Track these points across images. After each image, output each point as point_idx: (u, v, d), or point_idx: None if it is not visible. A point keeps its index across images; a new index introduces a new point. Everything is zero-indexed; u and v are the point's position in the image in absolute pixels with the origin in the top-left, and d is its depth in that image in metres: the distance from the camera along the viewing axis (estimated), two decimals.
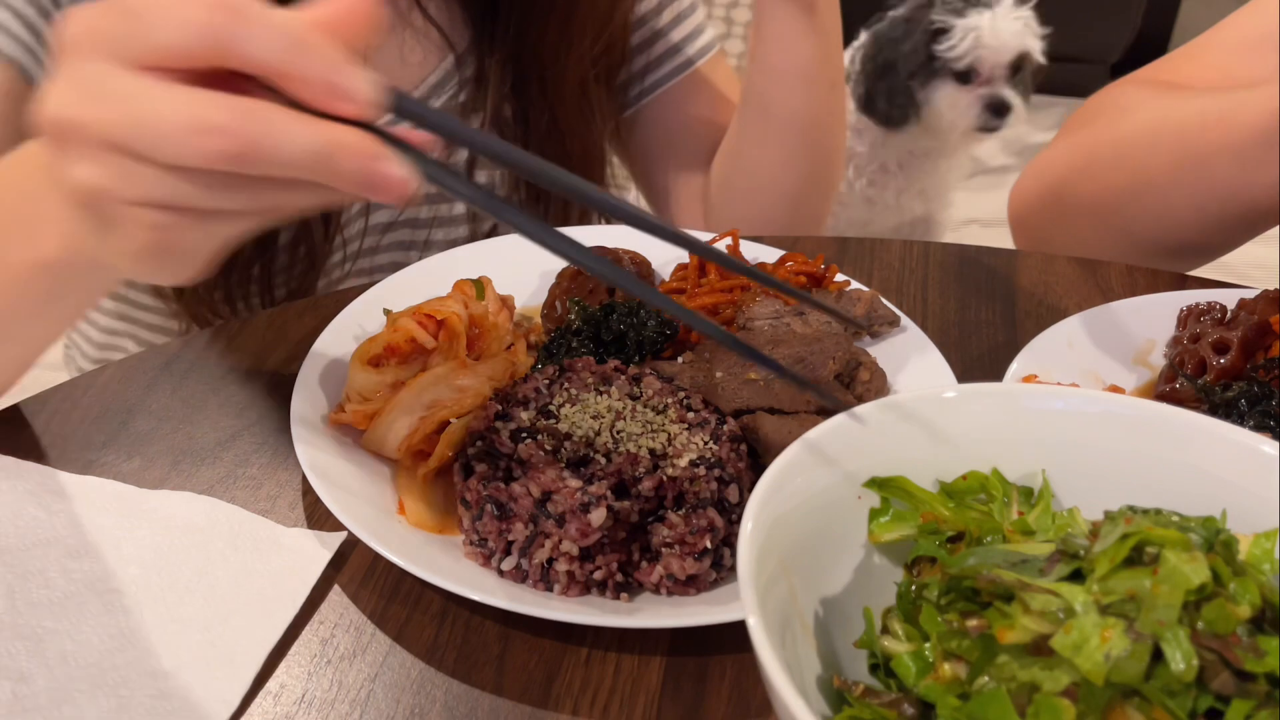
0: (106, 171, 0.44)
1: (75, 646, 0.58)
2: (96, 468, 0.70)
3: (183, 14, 0.42)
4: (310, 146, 0.43)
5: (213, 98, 0.43)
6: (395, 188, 0.44)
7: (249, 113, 0.42)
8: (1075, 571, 0.45)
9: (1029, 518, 0.51)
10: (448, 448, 0.67)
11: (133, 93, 0.43)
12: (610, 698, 0.57)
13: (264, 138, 0.42)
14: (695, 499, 0.62)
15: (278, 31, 0.43)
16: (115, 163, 0.44)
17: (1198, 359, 0.75)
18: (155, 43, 0.43)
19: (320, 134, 0.43)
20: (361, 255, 1.03)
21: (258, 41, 0.42)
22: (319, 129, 0.43)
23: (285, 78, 0.43)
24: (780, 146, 1.02)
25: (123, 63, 0.43)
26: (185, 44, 0.42)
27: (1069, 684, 0.42)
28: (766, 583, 0.46)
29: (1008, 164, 3.19)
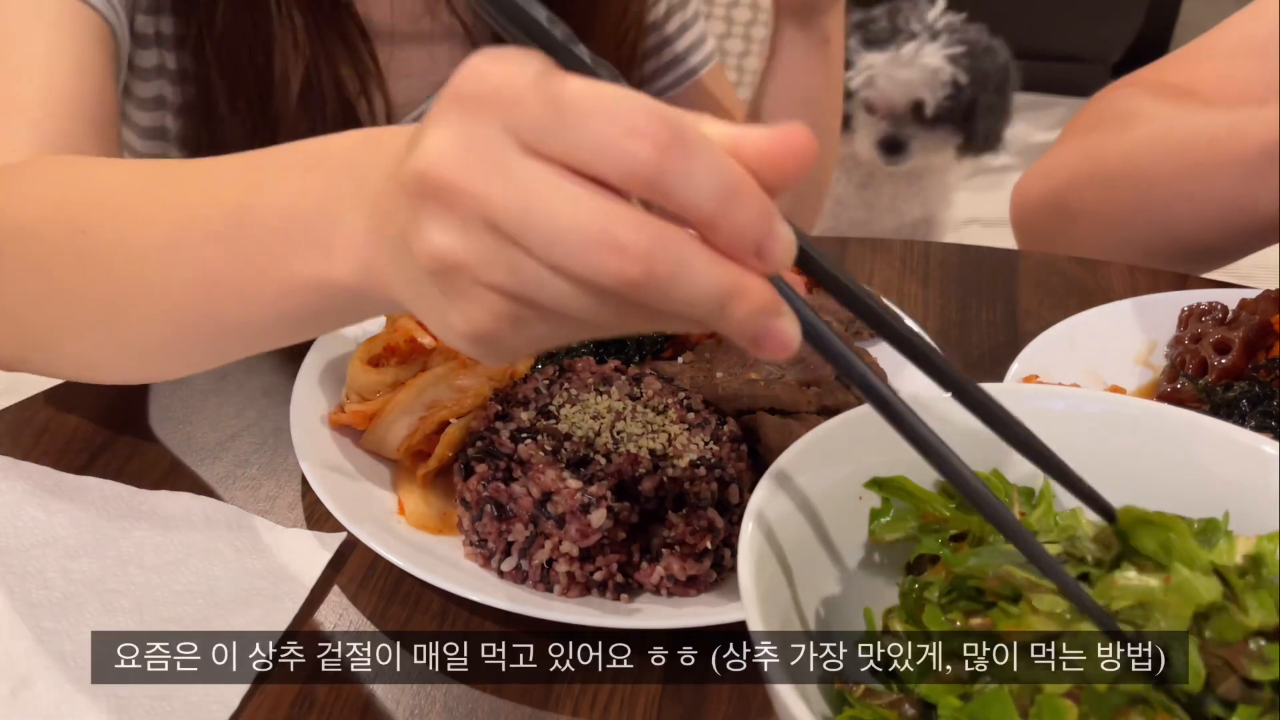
0: (475, 248, 0.39)
1: (74, 647, 0.58)
2: (96, 468, 0.70)
3: (629, 144, 0.37)
4: (714, 291, 0.38)
5: (625, 214, 0.37)
6: (784, 346, 0.40)
7: (663, 241, 0.37)
8: (1081, 575, 0.45)
9: (1031, 519, 0.51)
10: (447, 448, 0.67)
11: (535, 179, 0.38)
12: (610, 698, 0.57)
13: (672, 273, 0.37)
14: (696, 499, 0.62)
15: (716, 176, 0.37)
16: (489, 243, 0.39)
17: (1199, 359, 0.75)
18: (581, 151, 0.37)
19: (727, 279, 0.38)
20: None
21: (695, 186, 0.37)
22: (727, 273, 0.38)
23: (709, 227, 0.38)
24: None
25: (527, 145, 0.38)
26: (614, 169, 0.37)
27: (1072, 686, 0.42)
28: (767, 583, 0.46)
29: (1009, 164, 3.19)
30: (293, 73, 0.87)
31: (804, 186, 1.08)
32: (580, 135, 0.37)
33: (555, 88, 0.37)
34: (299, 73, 0.87)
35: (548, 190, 0.37)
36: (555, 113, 0.37)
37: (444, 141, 0.39)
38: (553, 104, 0.37)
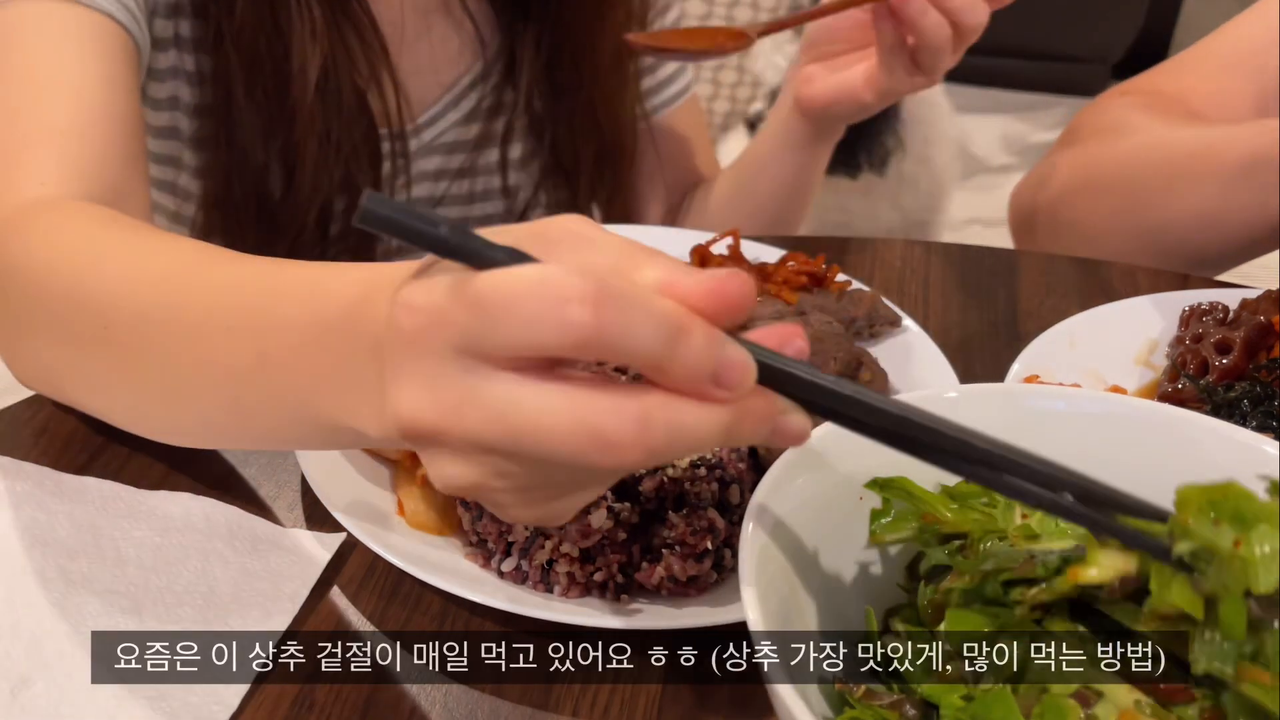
0: (482, 471, 0.40)
1: (74, 647, 0.58)
2: (96, 468, 0.70)
3: (556, 317, 0.37)
4: (717, 431, 0.39)
5: (602, 403, 0.38)
6: (797, 438, 0.42)
7: (647, 423, 0.38)
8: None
9: (1032, 521, 0.50)
10: None
11: (502, 398, 0.38)
12: (611, 699, 0.57)
13: (667, 441, 0.38)
14: (696, 500, 0.62)
15: (655, 320, 0.37)
16: (491, 463, 0.40)
17: (1200, 359, 0.75)
18: (522, 343, 0.38)
19: (724, 414, 0.39)
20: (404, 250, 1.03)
21: (636, 335, 0.37)
22: (716, 412, 0.39)
23: (661, 371, 0.38)
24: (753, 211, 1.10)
25: (478, 359, 0.38)
26: (560, 347, 0.37)
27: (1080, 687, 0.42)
28: (767, 584, 0.46)
29: (1009, 163, 3.19)
30: (310, 64, 0.87)
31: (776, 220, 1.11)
32: (513, 327, 0.37)
33: (471, 292, 0.38)
34: (316, 64, 0.88)
35: (521, 404, 0.38)
36: (482, 316, 0.38)
37: (409, 392, 0.40)
38: (476, 308, 0.38)
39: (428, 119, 1.00)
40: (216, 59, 0.89)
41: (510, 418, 0.38)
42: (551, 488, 0.42)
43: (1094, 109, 1.07)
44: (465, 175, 1.05)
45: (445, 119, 1.02)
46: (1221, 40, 1.03)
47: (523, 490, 0.42)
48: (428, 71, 0.99)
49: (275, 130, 0.91)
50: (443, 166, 1.03)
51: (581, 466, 0.39)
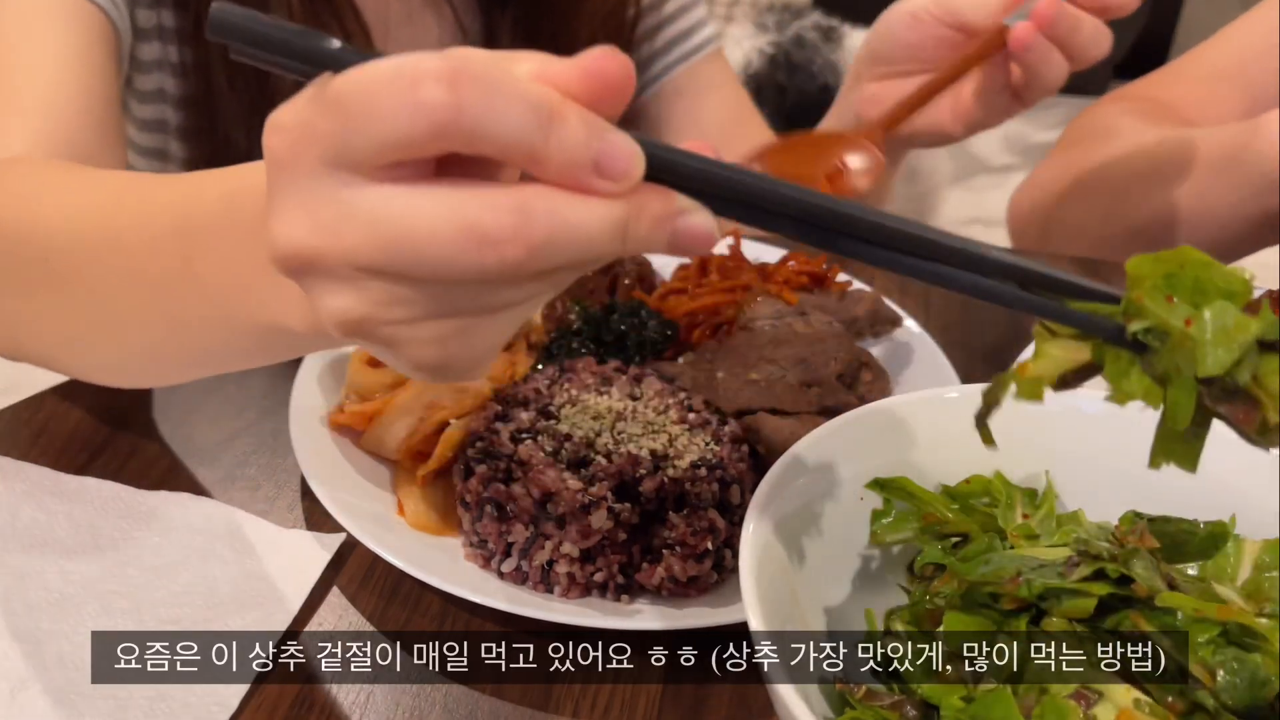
0: (367, 298, 0.38)
1: (74, 648, 0.58)
2: (95, 468, 0.70)
3: (411, 99, 0.34)
4: (607, 227, 0.36)
5: (477, 199, 0.35)
6: (702, 241, 0.38)
7: (526, 213, 0.35)
8: (1097, 572, 0.45)
9: (1033, 521, 0.50)
10: (447, 449, 0.67)
11: (376, 208, 0.36)
12: (611, 700, 0.57)
13: (550, 235, 0.35)
14: (696, 500, 0.62)
15: (525, 101, 0.35)
16: (376, 288, 0.37)
17: None
18: (384, 139, 0.35)
19: (613, 209, 0.36)
20: None
21: (505, 119, 0.34)
22: (605, 205, 0.36)
23: (536, 160, 0.35)
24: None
25: (350, 170, 0.36)
26: (420, 134, 0.35)
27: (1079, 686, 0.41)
28: (768, 584, 0.46)
29: (1010, 163, 3.19)
30: None
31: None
32: (375, 121, 0.35)
33: (329, 93, 0.36)
34: None
35: (394, 211, 0.36)
36: (342, 115, 0.35)
37: (283, 216, 0.38)
38: (336, 109, 0.35)
39: None
40: (197, 49, 0.89)
41: (384, 227, 0.36)
42: (445, 317, 0.38)
43: (1087, 115, 1.08)
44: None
45: None
46: (1213, 49, 1.05)
47: (415, 321, 0.38)
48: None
49: (257, 116, 0.91)
50: None
51: (461, 271, 0.36)
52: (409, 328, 0.38)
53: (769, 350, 0.73)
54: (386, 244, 0.36)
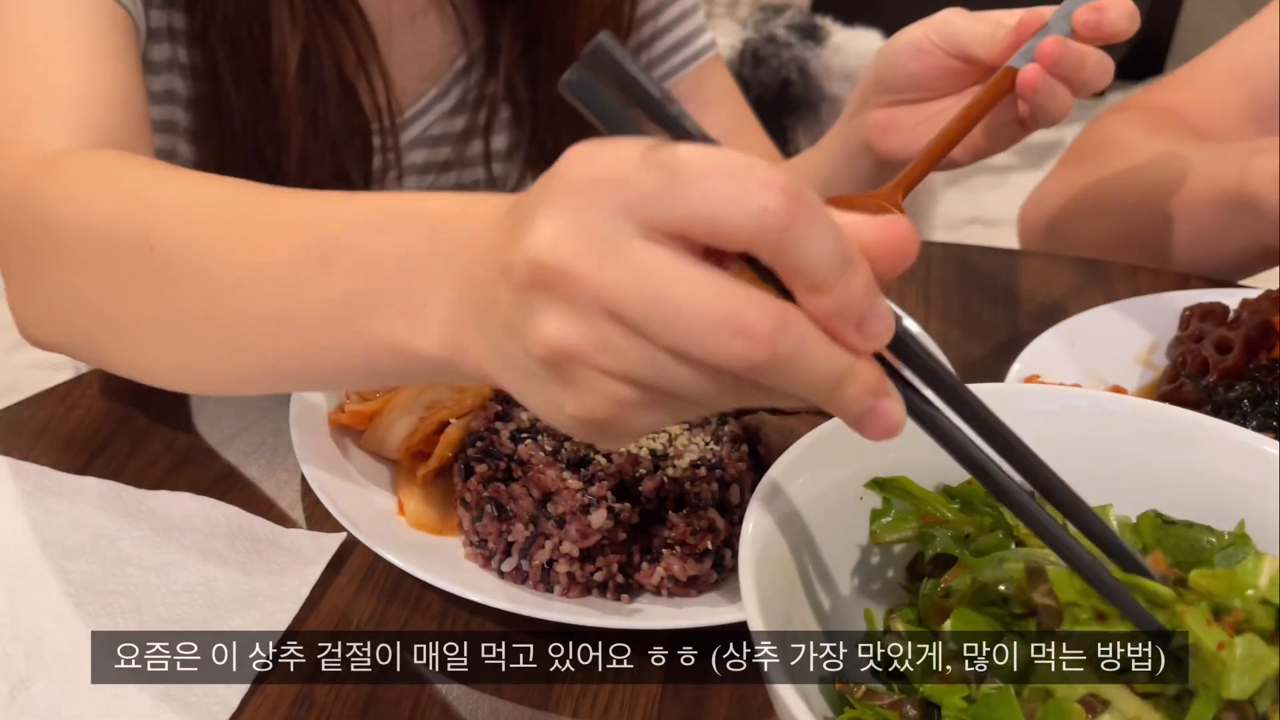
0: (594, 337, 0.38)
1: (74, 647, 0.58)
2: (95, 468, 0.70)
3: (752, 199, 0.36)
4: (830, 372, 0.38)
5: (748, 294, 0.37)
6: (889, 429, 0.40)
7: (785, 323, 0.37)
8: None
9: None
10: (447, 448, 0.67)
11: (654, 263, 0.37)
12: (611, 699, 0.57)
13: (794, 354, 0.37)
14: (696, 500, 0.62)
15: (837, 241, 0.37)
16: (608, 330, 0.38)
17: (1200, 359, 0.74)
18: (698, 219, 0.36)
19: (841, 360, 0.38)
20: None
21: (815, 247, 0.36)
22: (841, 355, 0.38)
23: (819, 291, 0.37)
24: None
25: (644, 225, 0.37)
26: (742, 231, 0.36)
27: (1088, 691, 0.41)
28: (768, 584, 0.46)
29: (1010, 163, 3.18)
30: (290, 47, 0.88)
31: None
32: (702, 196, 0.36)
33: (667, 156, 0.37)
34: (296, 47, 0.88)
35: (668, 273, 0.37)
36: (672, 178, 0.37)
37: (557, 228, 0.38)
38: (668, 170, 0.37)
39: (415, 112, 1.01)
40: (204, 50, 0.90)
41: (653, 284, 0.37)
42: (647, 385, 0.39)
43: (1095, 126, 1.08)
44: (451, 168, 1.05)
45: (432, 112, 1.02)
46: (1218, 54, 1.05)
47: (617, 377, 0.39)
48: (414, 63, 1.00)
49: (262, 115, 0.91)
50: (429, 160, 1.04)
51: (705, 351, 0.37)
52: (605, 379, 0.39)
53: None
54: (649, 298, 0.37)
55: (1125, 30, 0.72)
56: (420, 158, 1.03)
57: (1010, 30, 0.75)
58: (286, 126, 0.91)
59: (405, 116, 1.00)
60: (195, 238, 0.56)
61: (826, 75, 2.09)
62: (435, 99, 1.01)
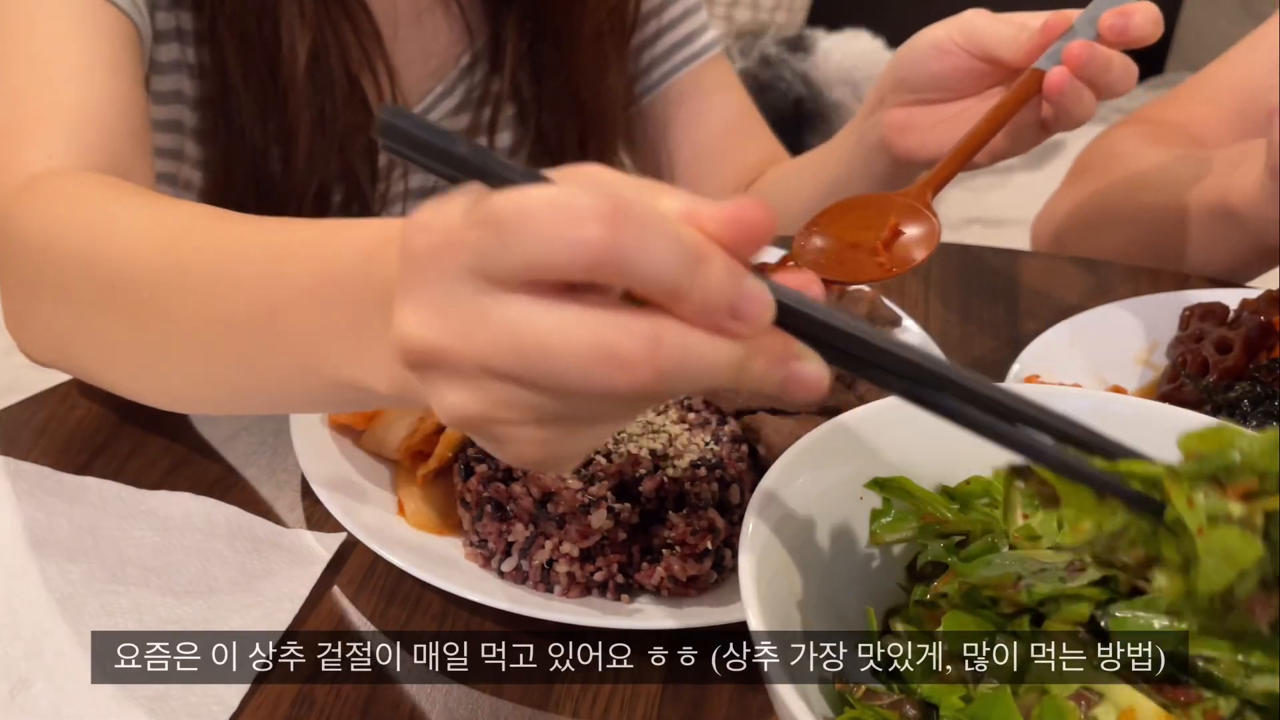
0: (489, 399, 0.39)
1: (74, 647, 0.58)
2: (96, 468, 0.70)
3: (570, 234, 0.36)
4: (725, 364, 0.38)
5: (614, 322, 0.37)
6: (812, 388, 0.39)
7: (658, 342, 0.37)
8: (1105, 579, 0.45)
9: (1033, 522, 0.50)
10: (447, 448, 0.67)
11: (513, 318, 0.37)
12: (611, 699, 0.57)
13: (678, 365, 0.37)
14: (696, 500, 0.62)
15: (676, 245, 0.36)
16: (497, 390, 0.38)
17: (1200, 359, 0.74)
18: (536, 263, 0.36)
19: (732, 350, 0.38)
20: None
21: (654, 257, 0.36)
22: (728, 344, 0.38)
23: (677, 299, 0.37)
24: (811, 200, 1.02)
25: (491, 281, 0.37)
26: (574, 266, 0.36)
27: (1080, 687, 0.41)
28: (768, 584, 0.46)
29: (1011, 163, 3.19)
30: (299, 43, 0.88)
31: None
32: (527, 245, 0.36)
33: (486, 210, 0.37)
34: (305, 44, 0.88)
35: (531, 323, 0.37)
36: (497, 234, 0.36)
37: (416, 311, 0.39)
38: (491, 226, 0.37)
39: (421, 109, 1.01)
40: (213, 48, 0.90)
41: (520, 338, 0.37)
42: (561, 421, 0.40)
43: (1099, 141, 1.10)
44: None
45: (438, 109, 1.02)
46: (1220, 69, 1.07)
47: (530, 424, 0.40)
48: (420, 62, 1.00)
49: (270, 112, 0.91)
50: None
51: (591, 388, 0.37)
52: (520, 429, 0.40)
53: None
54: (521, 352, 0.37)
55: (1150, 35, 0.72)
56: None
57: (1036, 33, 0.75)
58: (295, 124, 0.91)
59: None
60: (155, 284, 0.57)
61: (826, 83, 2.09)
62: (441, 96, 1.02)
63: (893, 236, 0.72)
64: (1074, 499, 0.42)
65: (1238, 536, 0.39)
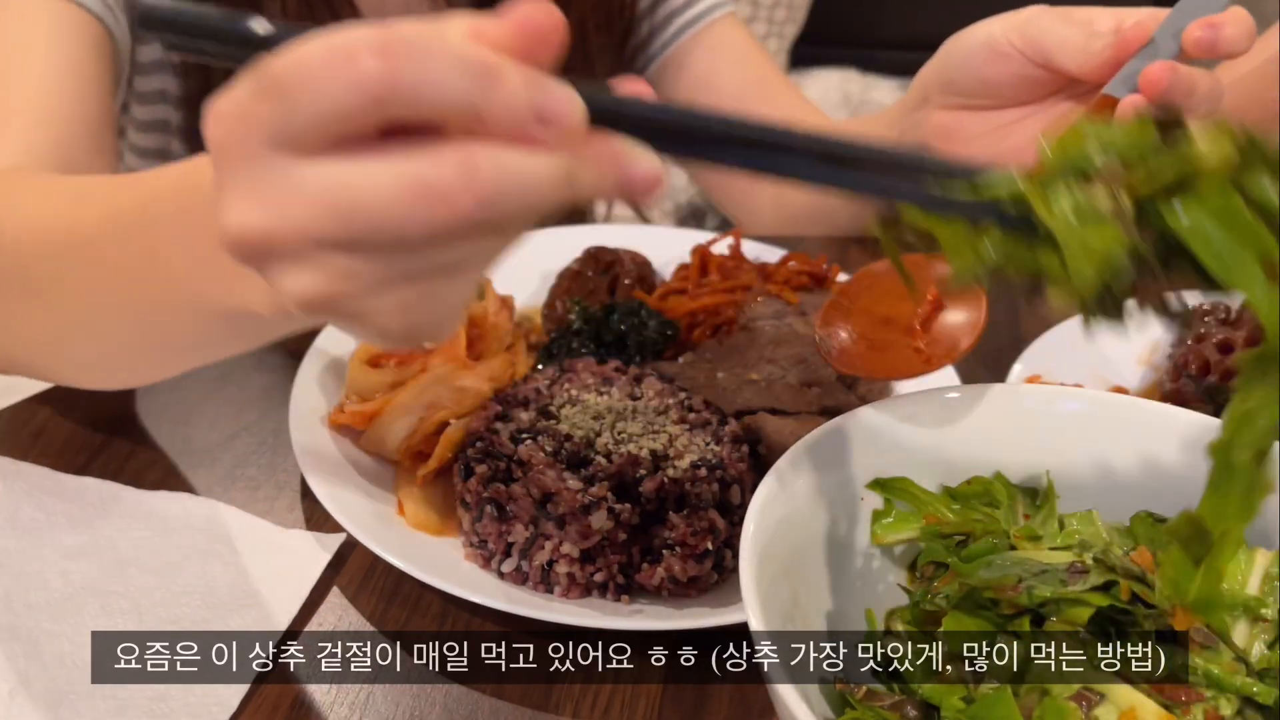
0: (327, 273, 0.38)
1: (74, 648, 0.58)
2: (95, 468, 0.70)
3: (346, 73, 0.35)
4: (550, 177, 0.36)
5: (423, 157, 0.36)
6: (649, 182, 0.38)
7: (471, 167, 0.35)
8: (1106, 585, 0.45)
9: (1034, 522, 0.50)
10: (447, 449, 0.67)
11: (325, 181, 0.36)
12: (611, 700, 0.57)
13: (501, 186, 0.36)
14: (696, 500, 0.62)
15: (460, 63, 0.35)
16: (334, 262, 0.37)
17: (1202, 359, 0.74)
18: (325, 114, 0.35)
19: (554, 162, 0.36)
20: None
21: (443, 82, 0.35)
22: (548, 157, 0.36)
23: (479, 118, 0.36)
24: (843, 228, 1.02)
25: (294, 148, 0.36)
26: (360, 105, 0.35)
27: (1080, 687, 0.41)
28: (768, 584, 0.46)
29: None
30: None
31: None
32: (315, 98, 0.35)
33: (266, 78, 0.36)
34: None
35: (342, 183, 0.36)
36: (281, 96, 0.36)
37: (232, 202, 0.38)
38: (274, 92, 0.36)
39: None
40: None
41: (334, 198, 0.36)
42: (410, 281, 0.39)
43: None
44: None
45: None
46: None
47: (379, 291, 0.38)
48: None
49: None
50: None
51: (415, 229, 0.36)
52: (372, 299, 0.39)
53: (769, 350, 0.73)
54: (340, 214, 0.36)
55: (1243, 49, 0.62)
56: None
57: (1109, 44, 0.65)
58: None
59: None
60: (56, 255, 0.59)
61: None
62: None
63: (934, 311, 0.62)
64: (949, 236, 0.40)
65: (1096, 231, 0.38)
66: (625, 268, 0.83)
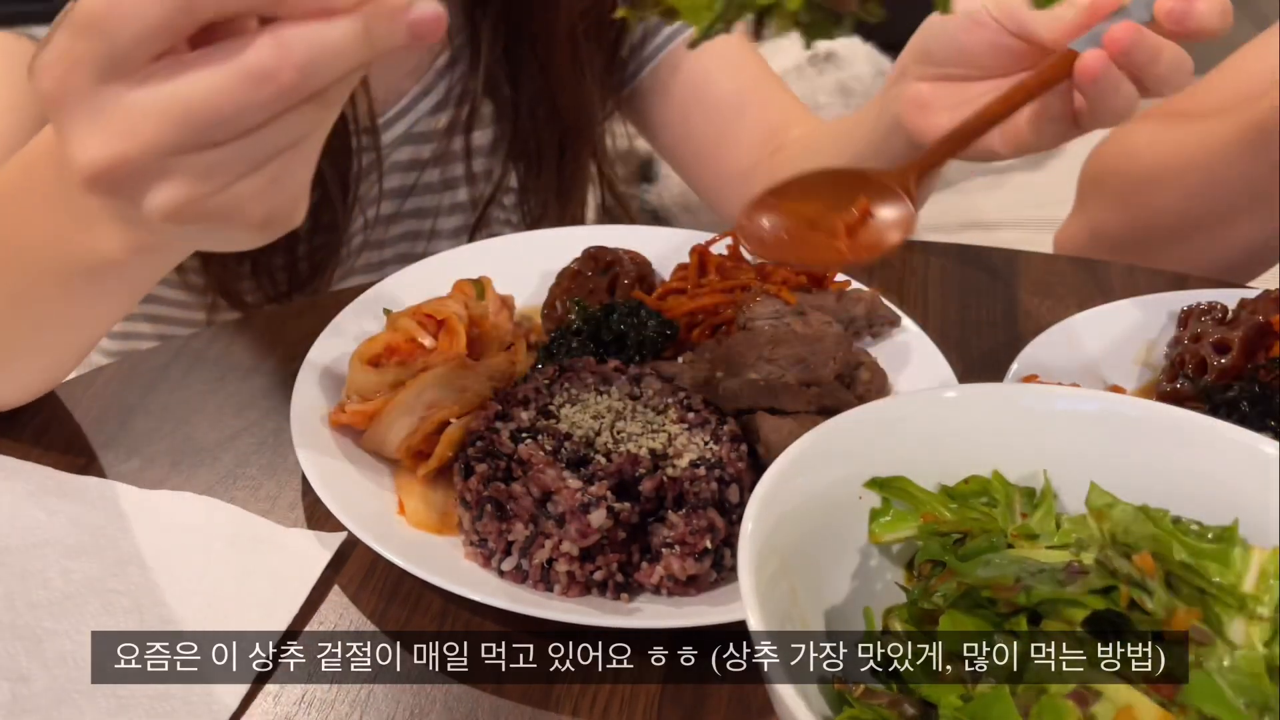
0: (185, 180, 0.42)
1: (74, 647, 0.58)
2: (96, 468, 0.70)
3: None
4: (352, 37, 0.41)
5: (240, 47, 0.40)
6: (434, 24, 0.42)
7: (283, 44, 0.40)
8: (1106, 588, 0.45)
9: (1032, 521, 0.50)
10: (448, 448, 0.67)
11: (159, 95, 0.41)
12: (610, 699, 0.57)
13: (313, 57, 0.40)
14: (696, 499, 0.62)
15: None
16: (186, 165, 0.42)
17: (1199, 359, 0.75)
18: (142, 35, 0.40)
19: (354, 21, 0.41)
20: (369, 248, 1.03)
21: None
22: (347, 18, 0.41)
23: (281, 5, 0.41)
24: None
25: (122, 76, 0.41)
26: (171, 16, 0.39)
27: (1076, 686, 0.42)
28: (767, 583, 0.46)
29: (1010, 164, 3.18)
30: None
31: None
32: (127, 22, 0.39)
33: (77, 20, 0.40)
34: None
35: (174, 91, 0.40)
36: (99, 32, 0.40)
37: (77, 141, 0.42)
38: (89, 30, 0.40)
39: (399, 110, 1.01)
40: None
41: (172, 107, 0.40)
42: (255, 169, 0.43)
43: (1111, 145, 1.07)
44: (438, 163, 1.05)
45: (417, 109, 1.02)
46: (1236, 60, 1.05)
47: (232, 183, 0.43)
48: (398, 62, 1.00)
49: None
50: (415, 156, 1.04)
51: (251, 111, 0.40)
52: (229, 193, 0.43)
53: (768, 350, 0.73)
54: (182, 120, 0.40)
55: (1215, 29, 0.62)
56: (406, 154, 1.03)
57: (1081, 10, 0.65)
58: None
59: (389, 114, 1.00)
60: None
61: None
62: (419, 96, 1.01)
63: (861, 219, 0.63)
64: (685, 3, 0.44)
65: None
66: (625, 268, 0.83)
